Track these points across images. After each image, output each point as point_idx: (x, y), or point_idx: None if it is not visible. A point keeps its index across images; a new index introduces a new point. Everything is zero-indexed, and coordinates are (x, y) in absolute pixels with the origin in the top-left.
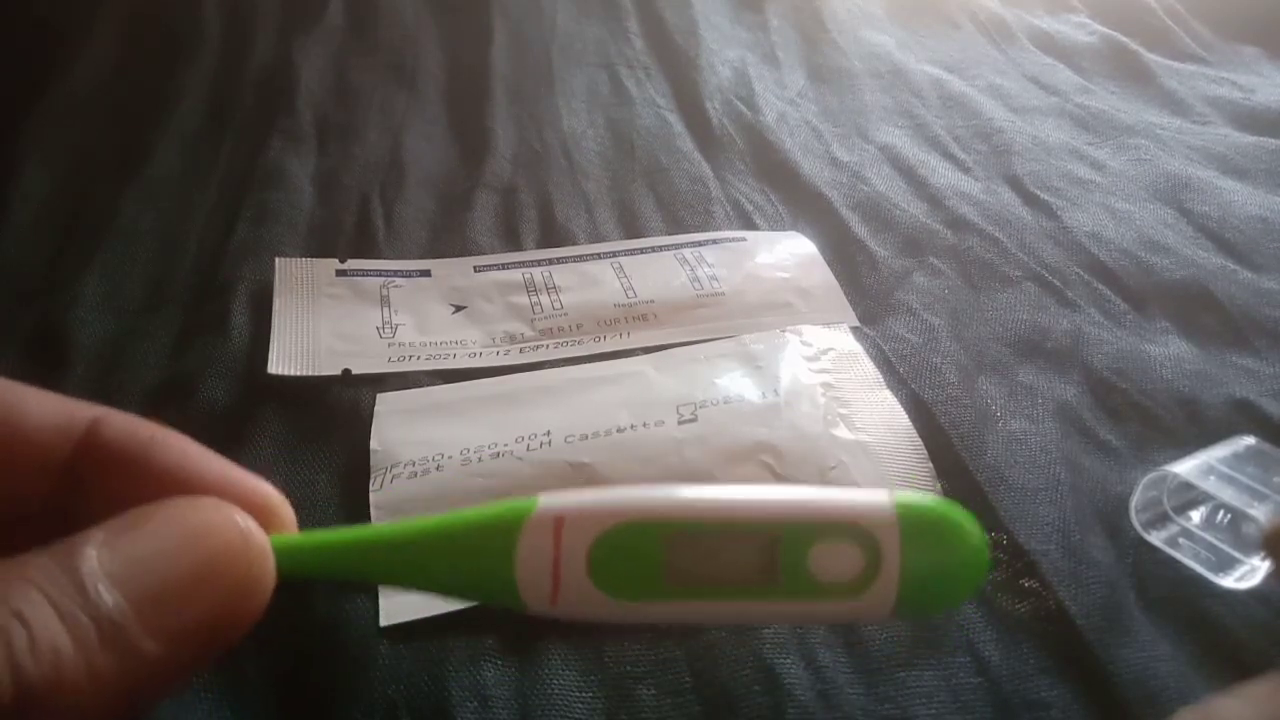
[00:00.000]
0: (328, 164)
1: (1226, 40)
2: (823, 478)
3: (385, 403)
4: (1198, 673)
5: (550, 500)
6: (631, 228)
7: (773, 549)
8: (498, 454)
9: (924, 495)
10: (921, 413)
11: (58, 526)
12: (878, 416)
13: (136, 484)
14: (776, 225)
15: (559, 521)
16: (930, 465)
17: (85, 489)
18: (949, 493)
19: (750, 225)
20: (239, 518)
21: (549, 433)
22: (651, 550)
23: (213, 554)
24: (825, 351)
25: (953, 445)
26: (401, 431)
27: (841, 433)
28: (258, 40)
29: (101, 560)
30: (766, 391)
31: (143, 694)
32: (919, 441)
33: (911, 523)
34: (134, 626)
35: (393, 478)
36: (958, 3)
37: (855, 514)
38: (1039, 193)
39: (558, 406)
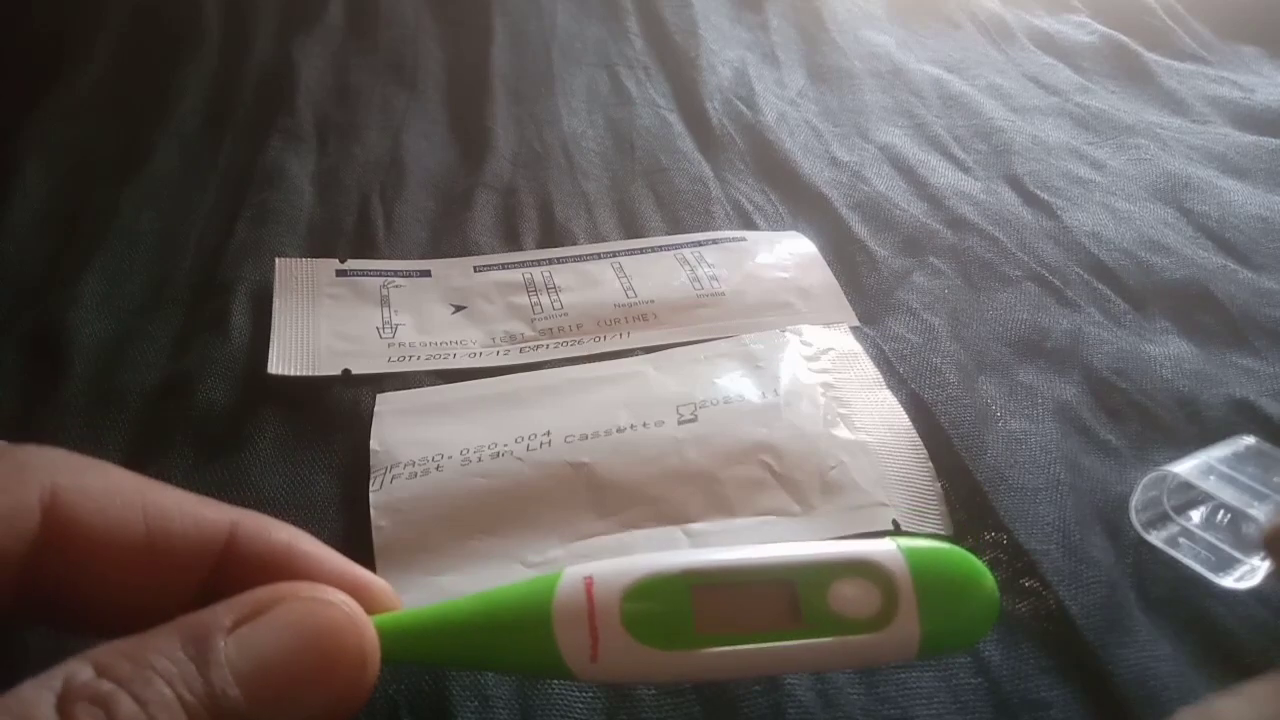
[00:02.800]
0: (328, 164)
1: (1226, 40)
2: (823, 478)
3: (385, 403)
4: (1198, 673)
5: (576, 567)
6: (631, 228)
7: (793, 591)
8: (498, 454)
9: (924, 540)
10: (921, 412)
11: None
12: (878, 416)
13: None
14: (776, 225)
15: (589, 581)
16: (930, 465)
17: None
18: (949, 492)
19: (750, 225)
20: (354, 610)
21: (549, 432)
22: (679, 600)
23: (332, 653)
24: (825, 351)
25: (953, 445)
26: (401, 431)
27: (841, 432)
28: (258, 40)
29: (229, 654)
30: (766, 391)
31: None
32: (919, 441)
33: (918, 557)
34: None
35: (393, 478)
36: (958, 2)
37: (865, 553)
38: (1039, 192)
39: (558, 406)
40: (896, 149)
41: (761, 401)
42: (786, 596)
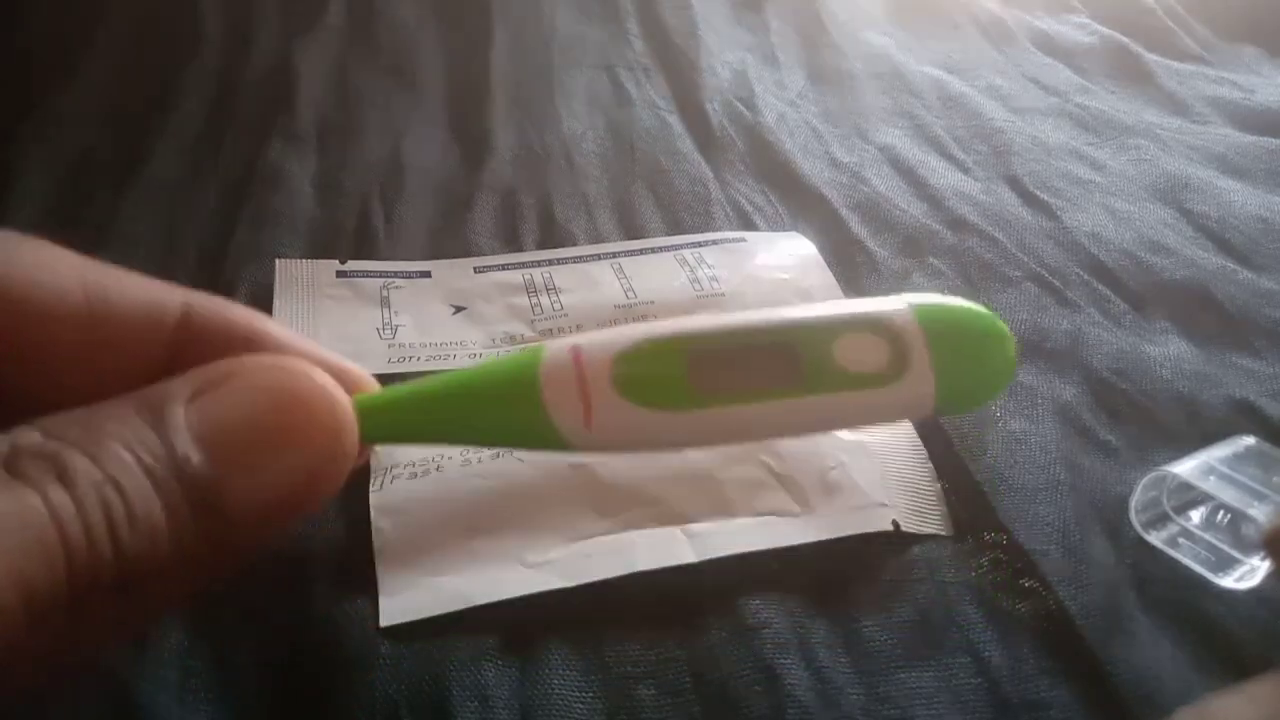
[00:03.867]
0: (328, 165)
1: (1226, 40)
2: (823, 478)
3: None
4: (1197, 672)
5: (558, 340)
6: (631, 229)
7: (794, 350)
8: (497, 454)
9: (936, 295)
10: None
11: None
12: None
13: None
14: (776, 226)
15: (575, 349)
16: (930, 466)
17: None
18: (949, 492)
19: (750, 226)
20: (323, 378)
21: None
22: (673, 362)
23: (301, 416)
24: None
25: (953, 445)
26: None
27: (842, 433)
28: (258, 42)
29: (189, 419)
30: None
31: (223, 561)
32: (919, 442)
33: (929, 311)
34: (221, 490)
35: (393, 478)
36: (957, 4)
37: (872, 309)
38: (1039, 193)
39: None
40: (896, 150)
41: None
42: (788, 355)
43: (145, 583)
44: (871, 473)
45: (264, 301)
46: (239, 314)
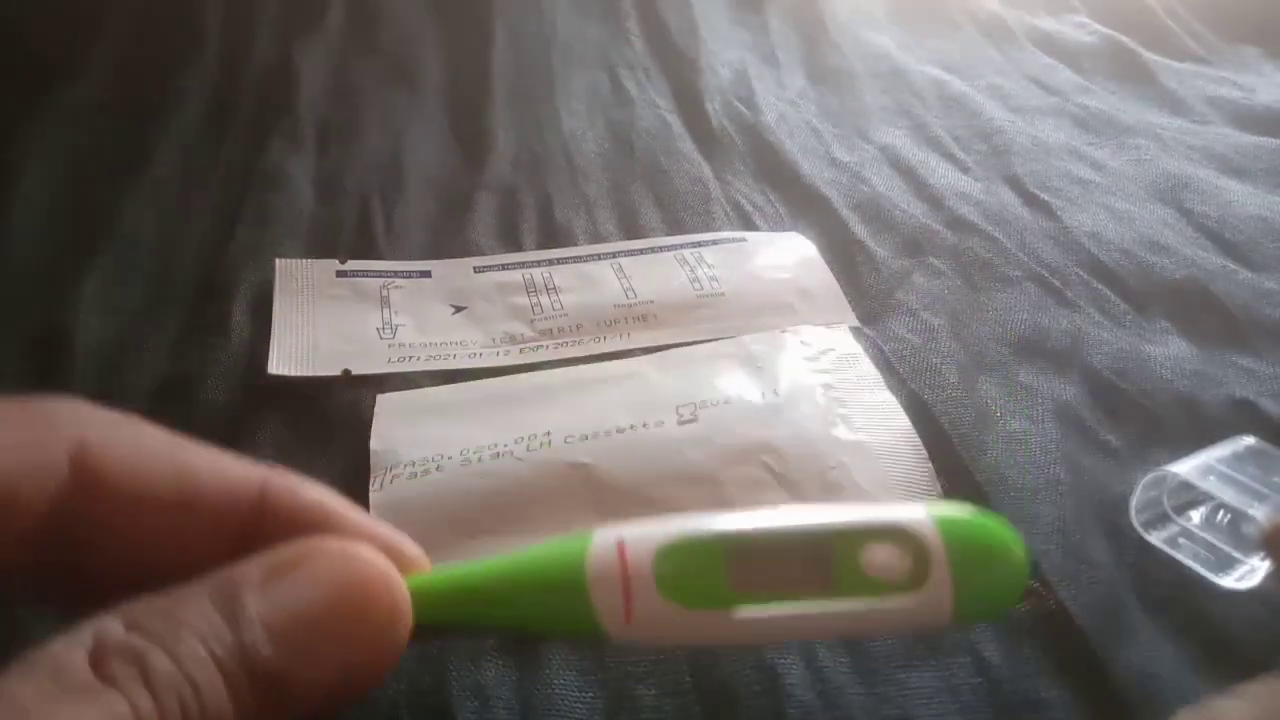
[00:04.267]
0: (328, 165)
1: (1227, 40)
2: (823, 478)
3: (385, 403)
4: (1198, 672)
5: (606, 529)
6: (631, 228)
7: (826, 554)
8: (498, 454)
9: (955, 507)
10: (922, 413)
11: None
12: (877, 417)
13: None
14: (776, 226)
15: (620, 543)
16: (930, 465)
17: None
18: (949, 492)
19: (750, 226)
20: (385, 566)
21: (549, 433)
22: (713, 560)
23: (362, 606)
24: (825, 352)
25: (953, 445)
26: (401, 431)
27: (842, 433)
28: (258, 42)
29: (260, 610)
30: (766, 392)
31: None
32: (919, 442)
33: (950, 525)
34: (286, 677)
35: (393, 478)
36: (958, 3)
37: (897, 517)
38: (1039, 193)
39: (557, 407)
40: (896, 149)
41: (762, 402)
42: (820, 558)
43: None
44: (871, 473)
45: (264, 301)
46: (310, 493)
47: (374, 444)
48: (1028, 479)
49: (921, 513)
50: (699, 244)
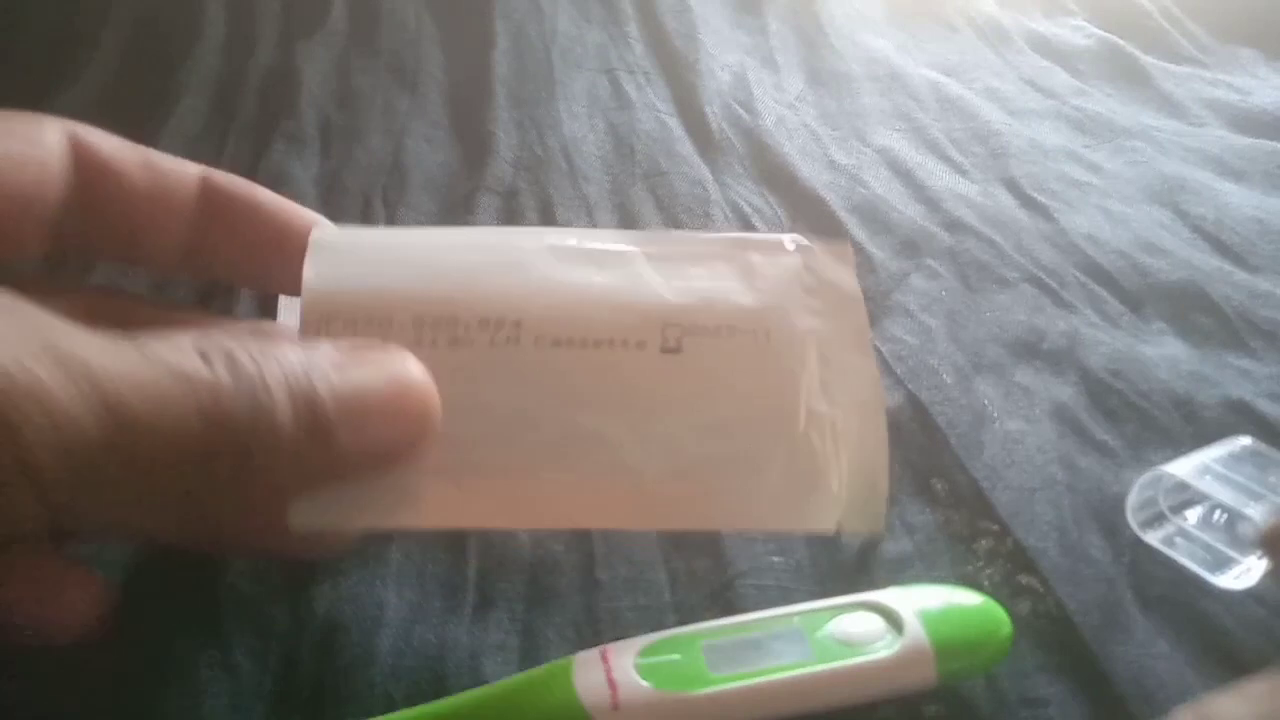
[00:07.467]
0: (330, 167)
1: (1223, 43)
2: (788, 446)
3: (322, 239)
4: (1194, 671)
5: (589, 650)
6: (632, 230)
7: (800, 633)
8: (455, 339)
9: (929, 589)
10: (919, 413)
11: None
12: (853, 390)
13: (252, 226)
14: (775, 228)
15: (604, 651)
16: (886, 459)
17: (212, 231)
18: (948, 491)
19: (749, 228)
20: (428, 378)
21: (519, 324)
22: (691, 650)
23: (410, 400)
24: (824, 285)
25: (950, 445)
26: (344, 270)
27: (818, 405)
28: (260, 43)
29: (332, 380)
30: (758, 332)
31: (323, 475)
32: (885, 434)
33: (930, 616)
34: (338, 428)
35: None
36: (955, 6)
37: (870, 596)
38: (1036, 195)
39: (531, 283)
40: (894, 152)
41: (751, 344)
42: (795, 637)
43: (263, 458)
44: (833, 456)
45: (267, 301)
46: (242, 184)
47: (307, 284)
48: (1025, 478)
49: (894, 595)
50: None
